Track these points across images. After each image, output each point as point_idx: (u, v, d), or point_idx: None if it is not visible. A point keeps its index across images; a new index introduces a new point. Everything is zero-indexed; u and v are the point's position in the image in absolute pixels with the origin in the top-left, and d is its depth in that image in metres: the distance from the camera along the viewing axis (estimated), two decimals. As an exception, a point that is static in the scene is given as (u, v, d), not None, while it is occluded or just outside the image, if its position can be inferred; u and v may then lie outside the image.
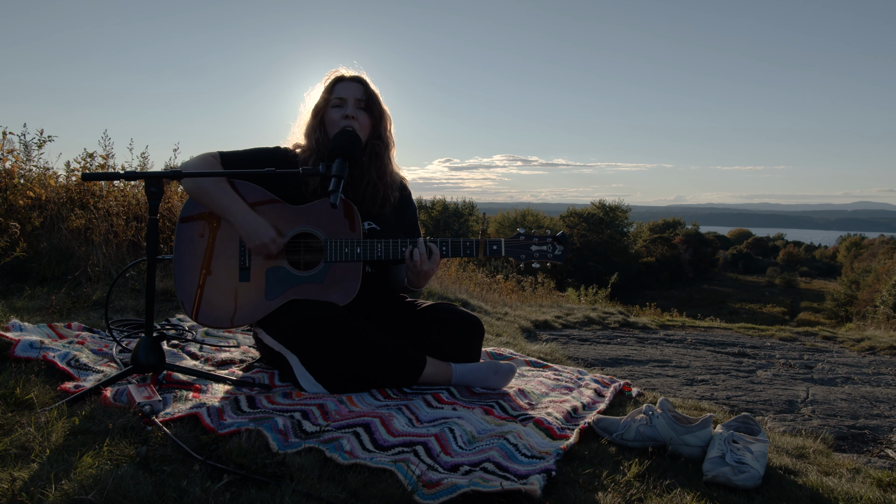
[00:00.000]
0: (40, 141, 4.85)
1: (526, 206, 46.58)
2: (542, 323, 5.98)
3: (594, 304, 9.63)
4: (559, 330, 5.77)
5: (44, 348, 2.29)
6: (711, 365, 4.13)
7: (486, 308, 6.37)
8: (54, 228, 4.29)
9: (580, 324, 6.25)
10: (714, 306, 31.80)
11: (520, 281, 11.40)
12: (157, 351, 2.11)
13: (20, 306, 3.05)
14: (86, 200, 4.65)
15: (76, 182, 4.77)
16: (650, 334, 5.85)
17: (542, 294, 11.15)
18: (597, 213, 45.97)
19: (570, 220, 45.67)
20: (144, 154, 5.67)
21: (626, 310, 9.77)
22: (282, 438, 1.70)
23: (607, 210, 46.22)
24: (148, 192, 2.08)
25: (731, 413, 2.72)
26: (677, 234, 54.72)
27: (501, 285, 10.74)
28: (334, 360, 2.18)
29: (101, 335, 2.75)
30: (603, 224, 45.11)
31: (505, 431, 1.85)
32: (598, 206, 46.67)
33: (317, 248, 2.37)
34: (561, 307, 7.75)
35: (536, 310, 7.11)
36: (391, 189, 2.57)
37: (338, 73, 2.52)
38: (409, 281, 2.44)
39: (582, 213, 46.30)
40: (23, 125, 7.09)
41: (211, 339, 2.97)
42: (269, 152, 2.52)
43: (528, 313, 6.52)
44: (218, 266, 2.34)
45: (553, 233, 2.41)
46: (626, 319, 6.83)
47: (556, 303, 8.83)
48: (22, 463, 1.47)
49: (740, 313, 33.16)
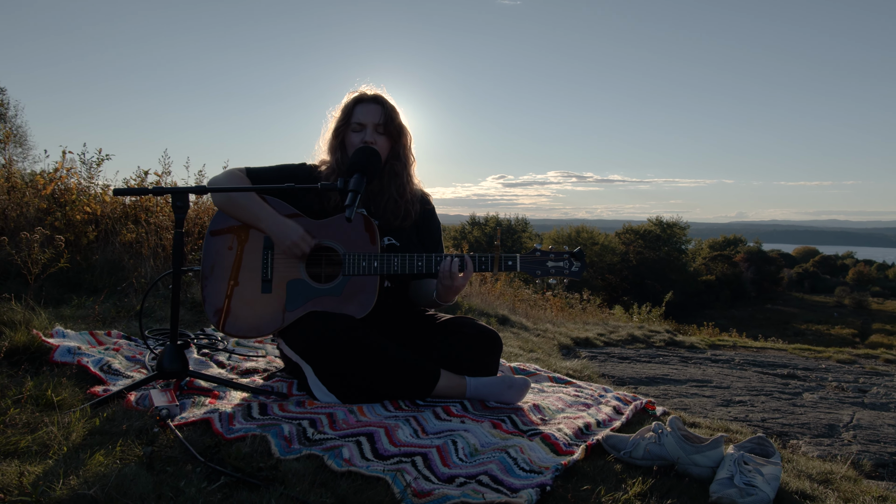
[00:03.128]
0: (99, 159, 5.14)
1: (580, 223, 45.99)
2: (583, 340, 5.90)
3: (645, 322, 9.42)
4: (600, 347, 5.67)
5: (79, 353, 2.43)
6: (754, 386, 3.98)
7: (527, 324, 6.33)
8: (108, 242, 4.53)
9: (623, 342, 6.13)
10: (777, 327, 30.50)
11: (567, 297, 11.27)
12: (180, 358, 2.20)
13: (67, 314, 3.23)
14: (139, 216, 4.88)
15: (132, 198, 5.02)
16: (696, 354, 5.68)
17: (591, 311, 10.99)
18: (654, 229, 44.97)
19: (625, 236, 44.82)
20: (201, 171, 5.92)
21: (677, 328, 9.51)
22: (285, 445, 1.75)
23: (665, 227, 45.14)
24: (174, 206, 2.18)
25: (762, 435, 2.62)
26: (738, 251, 52.86)
27: (551, 302, 10.64)
28: (347, 371, 2.22)
29: (136, 343, 2.88)
30: (660, 241, 44.07)
31: (508, 445, 1.84)
32: (656, 222, 45.65)
33: (336, 262, 2.43)
34: (606, 325, 7.62)
35: (580, 327, 7.01)
36: (411, 204, 2.61)
37: (357, 94, 2.58)
38: (438, 294, 2.46)
39: (638, 230, 45.37)
40: (83, 144, 7.52)
41: (241, 348, 3.06)
42: (294, 168, 2.61)
43: (570, 330, 6.45)
44: (244, 278, 2.42)
45: (570, 249, 2.39)
46: (672, 338, 6.66)
47: (603, 320, 8.69)
48: (39, 459, 1.56)
49: (806, 334, 31.67)
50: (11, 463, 1.50)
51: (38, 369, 2.30)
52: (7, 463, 1.49)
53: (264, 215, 2.37)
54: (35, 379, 2.11)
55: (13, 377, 2.13)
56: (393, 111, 2.58)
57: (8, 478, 1.39)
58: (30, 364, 2.34)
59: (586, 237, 41.89)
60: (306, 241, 2.34)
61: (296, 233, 2.33)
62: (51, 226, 4.23)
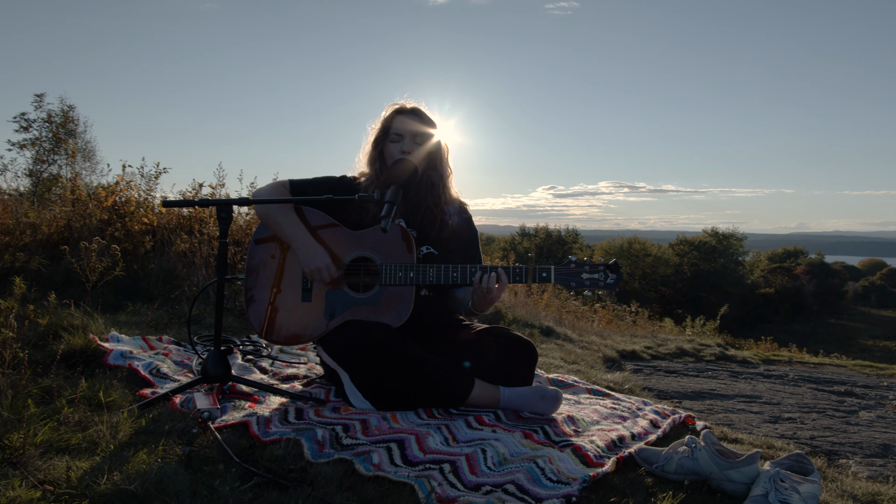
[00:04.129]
0: (157, 172, 5.38)
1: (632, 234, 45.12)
2: (629, 353, 5.80)
3: (699, 336, 9.18)
4: (647, 361, 5.56)
5: (130, 357, 2.55)
6: (806, 403, 3.84)
7: (572, 336, 6.27)
8: (163, 251, 4.73)
9: (671, 355, 5.99)
10: (841, 343, 29.11)
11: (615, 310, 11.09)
12: (223, 364, 2.29)
13: (123, 320, 3.40)
14: (192, 226, 5.08)
15: (188, 210, 5.23)
16: (747, 369, 5.51)
17: (641, 324, 10.77)
18: (709, 240, 43.72)
19: (679, 248, 43.73)
20: (253, 183, 6.11)
21: (730, 342, 9.23)
22: (317, 448, 1.80)
23: (720, 238, 43.83)
24: (219, 217, 2.28)
25: (810, 455, 2.53)
26: (799, 263, 50.82)
27: (599, 314, 10.49)
28: (382, 378, 2.26)
29: (185, 348, 3.01)
30: (716, 252, 42.80)
31: (537, 455, 1.84)
32: (711, 233, 44.37)
33: (374, 272, 2.48)
34: (655, 338, 7.47)
35: (627, 339, 6.90)
36: (448, 215, 2.65)
37: (396, 106, 2.65)
38: (473, 304, 2.50)
39: (693, 241, 44.19)
40: (141, 158, 7.87)
41: (284, 355, 3.15)
42: (335, 180, 2.69)
43: (616, 343, 6.35)
44: (286, 286, 2.50)
45: (606, 261, 2.38)
46: (723, 353, 6.48)
47: (653, 333, 8.52)
48: (88, 455, 1.65)
49: (873, 351, 30.12)
50: (62, 458, 1.59)
51: (92, 371, 2.43)
52: (58, 458, 1.59)
53: (296, 235, 2.44)
54: (89, 381, 2.23)
55: (69, 378, 2.26)
56: (431, 123, 2.63)
57: (57, 472, 1.48)
58: (85, 366, 2.47)
59: (638, 248, 41.06)
60: (330, 270, 2.40)
61: (322, 261, 2.39)
62: (111, 236, 4.45)
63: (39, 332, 2.66)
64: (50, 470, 1.50)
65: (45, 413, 1.86)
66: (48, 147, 17.41)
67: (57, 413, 1.88)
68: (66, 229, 4.63)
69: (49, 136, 17.95)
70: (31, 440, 1.65)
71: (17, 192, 10.43)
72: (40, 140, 17.51)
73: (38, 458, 1.58)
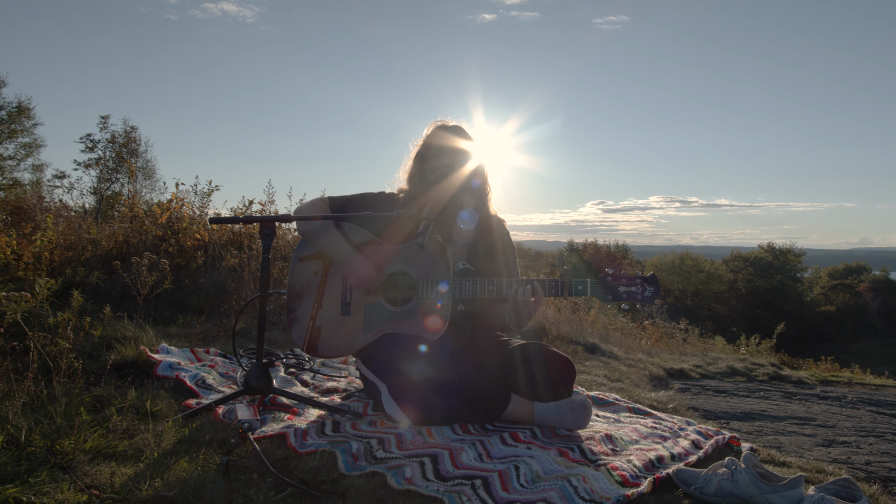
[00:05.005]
0: (209, 190, 5.58)
1: (684, 249, 44.06)
2: (677, 371, 5.66)
3: (753, 355, 8.89)
4: (695, 380, 5.42)
5: (178, 368, 2.64)
6: (864, 426, 3.66)
7: (618, 353, 6.16)
8: (214, 266, 4.88)
9: (721, 374, 5.82)
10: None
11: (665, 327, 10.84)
12: (265, 376, 2.35)
13: (174, 332, 3.52)
14: (242, 242, 5.24)
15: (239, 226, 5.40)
16: (802, 389, 5.30)
17: (693, 342, 10.49)
18: (765, 256, 42.30)
19: (734, 264, 42.45)
20: (301, 200, 6.27)
21: (786, 362, 8.89)
22: (351, 461, 1.82)
23: (777, 254, 42.35)
24: (261, 234, 2.35)
25: (864, 481, 2.42)
26: (862, 280, 48.54)
27: (649, 331, 10.28)
28: (418, 391, 2.28)
29: (231, 360, 3.09)
30: (772, 269, 41.35)
31: (571, 474, 1.82)
32: (767, 249, 42.93)
33: (411, 286, 2.51)
34: (705, 356, 7.27)
35: (676, 357, 6.74)
36: (486, 232, 2.67)
37: (438, 124, 2.70)
38: (510, 319, 2.50)
39: (748, 257, 42.84)
40: (195, 176, 8.18)
41: (326, 369, 3.21)
42: (373, 196, 2.74)
43: (664, 361, 6.21)
44: (326, 301, 2.55)
45: (643, 273, 2.35)
46: (777, 372, 6.25)
47: (703, 351, 8.30)
48: (132, 462, 1.72)
49: (946, 374, 28.44)
50: (109, 464, 1.66)
51: (142, 381, 2.53)
52: (105, 464, 1.66)
53: (338, 247, 2.50)
54: (138, 390, 2.33)
55: (119, 388, 2.36)
56: (471, 141, 2.66)
57: (102, 477, 1.55)
58: (135, 376, 2.57)
59: (691, 264, 40.06)
60: (373, 279, 2.46)
61: (364, 270, 2.44)
62: (165, 251, 4.63)
63: (94, 342, 2.78)
64: (97, 475, 1.57)
65: (95, 421, 1.94)
66: (111, 166, 18.25)
67: (106, 421, 1.97)
68: (123, 245, 4.84)
69: (112, 155, 18.82)
70: (81, 446, 1.73)
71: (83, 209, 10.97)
72: (104, 159, 18.37)
73: (87, 463, 1.65)
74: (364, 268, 2.45)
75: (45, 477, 1.54)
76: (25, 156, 22.84)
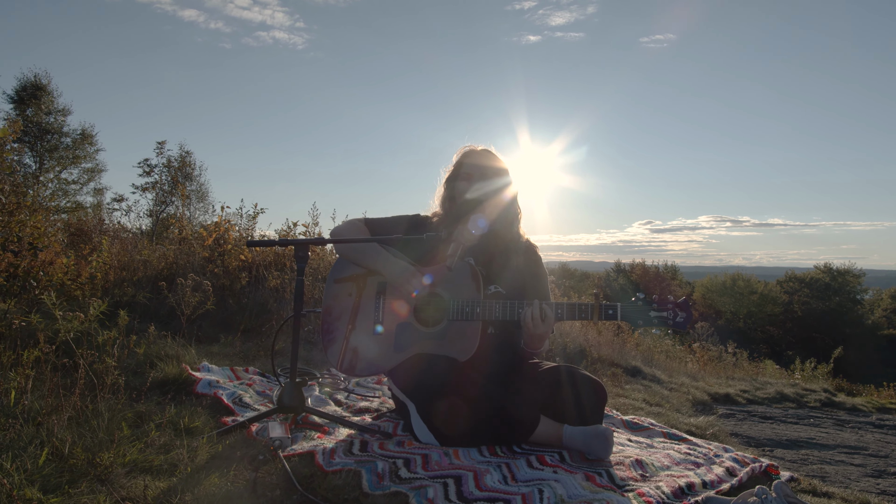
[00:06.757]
0: (255, 213, 5.76)
1: (736, 270, 42.81)
2: (722, 396, 5.51)
3: (807, 380, 8.55)
4: (741, 405, 5.26)
5: (216, 386, 2.73)
6: (921, 457, 3.49)
7: (661, 377, 6.03)
8: (257, 287, 5.02)
9: (769, 400, 5.63)
10: (983, 392, 25.96)
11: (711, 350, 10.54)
12: (298, 395, 2.41)
13: (216, 351, 3.63)
14: (285, 263, 5.38)
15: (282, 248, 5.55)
16: (856, 417, 5.09)
17: (743, 366, 10.17)
18: (822, 277, 40.69)
19: (788, 285, 40.96)
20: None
21: (844, 387, 8.52)
22: (376, 480, 1.85)
23: (835, 274, 40.68)
24: (296, 256, 2.43)
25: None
26: (929, 302, 46.19)
27: (697, 355, 10.02)
28: (446, 412, 2.29)
29: (268, 379, 3.17)
30: (830, 290, 39.71)
31: (595, 499, 1.80)
32: (824, 269, 41.30)
33: (442, 307, 2.55)
34: (754, 381, 7.04)
35: (723, 382, 6.55)
36: (516, 255, 2.69)
37: (468, 148, 2.75)
38: (524, 342, 2.51)
39: (803, 278, 41.29)
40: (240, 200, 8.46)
41: (360, 389, 3.25)
42: (408, 219, 2.80)
43: (709, 385, 6.05)
44: (359, 322, 2.60)
45: (675, 298, 2.32)
46: (830, 398, 6.02)
47: (752, 376, 8.04)
48: (167, 476, 1.79)
49: None
50: (144, 478, 1.74)
51: (181, 398, 2.62)
52: (140, 477, 1.74)
53: (381, 259, 2.57)
54: (177, 407, 2.42)
55: (160, 404, 2.45)
56: (500, 163, 2.70)
57: (136, 490, 1.62)
58: (176, 393, 2.67)
59: (743, 285, 38.91)
60: (417, 277, 2.51)
61: (408, 270, 2.50)
62: (211, 272, 4.79)
63: (138, 360, 2.90)
64: (132, 488, 1.65)
65: (134, 435, 2.03)
66: (167, 189, 19.01)
67: (145, 436, 2.05)
68: (173, 265, 5.03)
69: (168, 179, 19.60)
70: (120, 460, 1.81)
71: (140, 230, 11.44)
72: (160, 183, 19.14)
73: (124, 476, 1.73)
74: (408, 270, 2.50)
75: (84, 488, 1.62)
76: (88, 180, 23.93)
